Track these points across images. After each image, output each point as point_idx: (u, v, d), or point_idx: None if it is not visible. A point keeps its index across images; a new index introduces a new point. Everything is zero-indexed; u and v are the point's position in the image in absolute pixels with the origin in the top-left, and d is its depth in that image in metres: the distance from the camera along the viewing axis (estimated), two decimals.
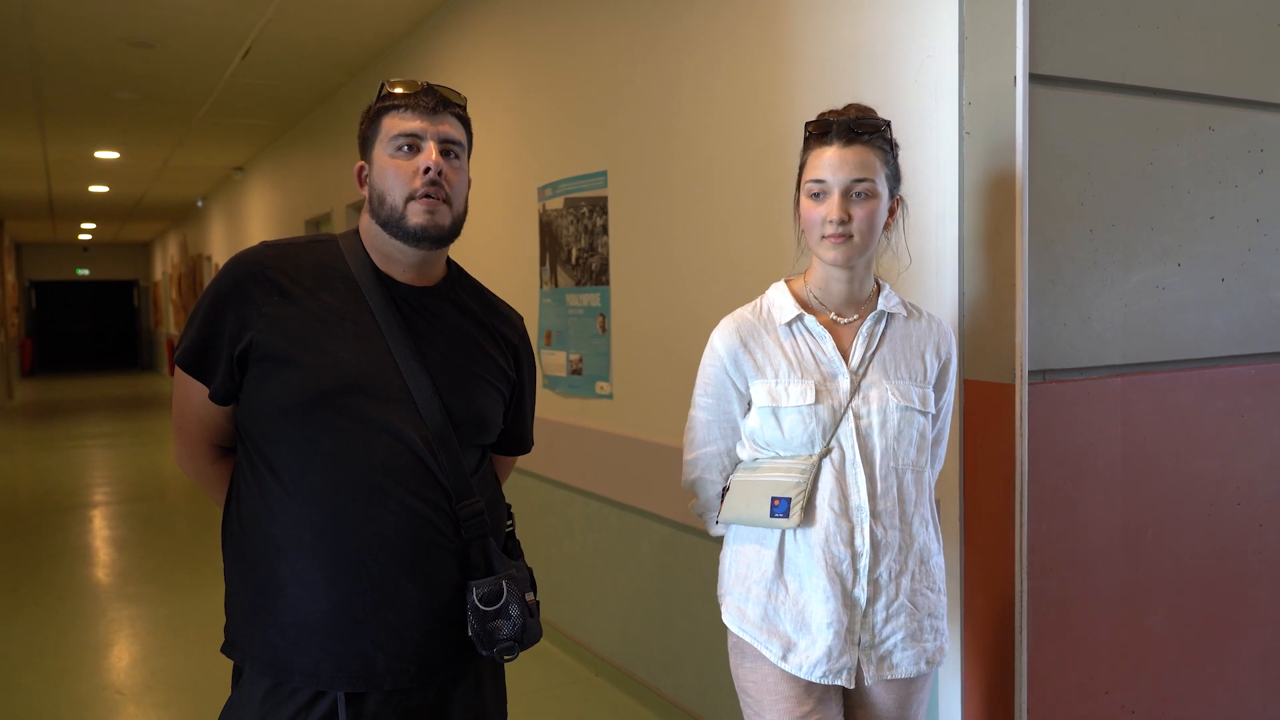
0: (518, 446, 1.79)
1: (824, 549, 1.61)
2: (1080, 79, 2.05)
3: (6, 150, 8.71)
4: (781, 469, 1.65)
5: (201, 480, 1.63)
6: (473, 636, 1.51)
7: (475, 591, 1.50)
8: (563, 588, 3.79)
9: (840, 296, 1.68)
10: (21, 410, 13.49)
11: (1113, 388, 2.12)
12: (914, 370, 1.68)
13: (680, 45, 2.97)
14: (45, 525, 6.31)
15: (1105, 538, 2.13)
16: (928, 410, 1.67)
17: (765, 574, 1.67)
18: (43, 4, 4.56)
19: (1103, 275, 2.10)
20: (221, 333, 1.49)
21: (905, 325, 1.71)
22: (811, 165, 1.62)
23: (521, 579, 1.56)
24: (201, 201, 12.73)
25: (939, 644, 1.70)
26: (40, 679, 3.72)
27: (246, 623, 1.50)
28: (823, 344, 1.66)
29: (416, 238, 1.50)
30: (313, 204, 7.32)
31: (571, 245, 3.61)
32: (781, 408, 1.63)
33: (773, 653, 1.65)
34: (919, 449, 1.66)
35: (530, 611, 1.54)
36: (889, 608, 1.63)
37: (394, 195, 1.50)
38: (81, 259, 21.33)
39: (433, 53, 4.91)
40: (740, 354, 1.68)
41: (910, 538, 1.65)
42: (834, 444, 1.62)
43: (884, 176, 1.61)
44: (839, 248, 1.60)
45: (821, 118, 1.64)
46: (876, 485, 1.62)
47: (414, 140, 1.50)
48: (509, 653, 1.51)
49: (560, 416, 3.74)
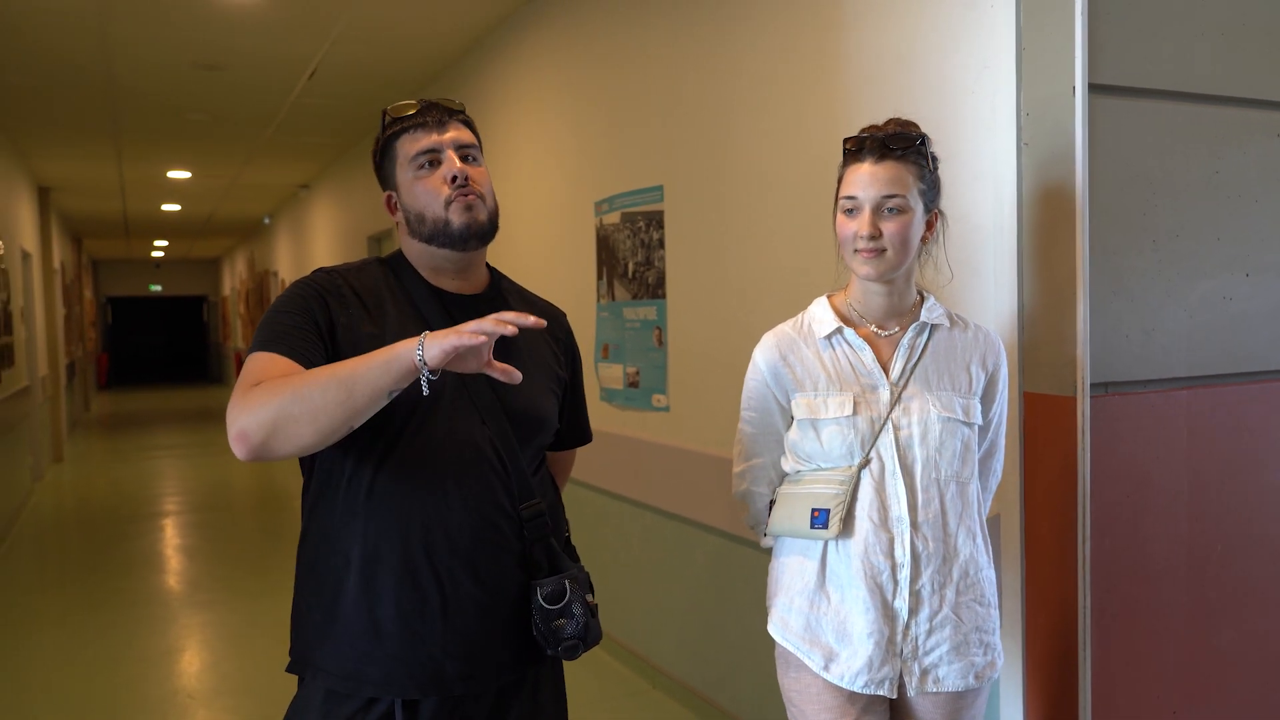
0: (579, 438, 1.82)
1: (863, 559, 1.62)
2: (1141, 88, 2.03)
3: (86, 171, 9.05)
4: (822, 480, 1.66)
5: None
6: (537, 636, 1.54)
7: (539, 591, 1.53)
8: (619, 598, 3.80)
9: (880, 309, 1.69)
10: (97, 422, 13.94)
11: (1178, 401, 2.08)
12: (958, 381, 1.67)
13: (735, 60, 2.99)
14: (120, 534, 6.51)
15: (1171, 555, 2.08)
16: (972, 421, 1.66)
17: (808, 584, 1.68)
18: (120, 32, 4.75)
19: (1167, 286, 2.06)
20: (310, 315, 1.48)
21: (949, 336, 1.71)
22: (846, 181, 1.65)
23: (582, 580, 1.58)
24: (268, 219, 13.05)
25: (989, 659, 1.68)
26: (116, 683, 3.84)
27: (317, 636, 1.52)
28: (862, 356, 1.67)
29: (464, 237, 1.54)
30: (374, 220, 7.47)
31: (628, 259, 3.65)
32: (820, 420, 1.65)
33: (815, 662, 1.66)
34: (963, 460, 1.65)
35: (591, 612, 1.56)
36: (932, 620, 1.62)
37: (432, 208, 1.54)
38: (154, 275, 22.01)
39: (489, 71, 4.99)
40: (780, 368, 1.70)
41: (955, 550, 1.64)
42: (873, 455, 1.63)
43: (918, 191, 1.62)
44: (871, 263, 1.61)
45: (860, 134, 1.65)
46: (917, 496, 1.62)
47: (433, 155, 1.55)
48: (573, 651, 1.54)
49: (617, 429, 3.77)
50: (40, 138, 7.39)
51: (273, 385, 1.34)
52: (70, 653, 4.19)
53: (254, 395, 1.33)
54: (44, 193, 9.85)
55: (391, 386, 1.32)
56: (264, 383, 1.35)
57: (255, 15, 4.53)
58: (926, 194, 1.64)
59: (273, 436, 1.32)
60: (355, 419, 1.34)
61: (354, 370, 1.32)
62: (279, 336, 1.44)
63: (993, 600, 1.70)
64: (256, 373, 1.39)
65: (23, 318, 7.81)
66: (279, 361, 1.40)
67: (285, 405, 1.31)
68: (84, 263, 16.43)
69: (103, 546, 6.19)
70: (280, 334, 1.44)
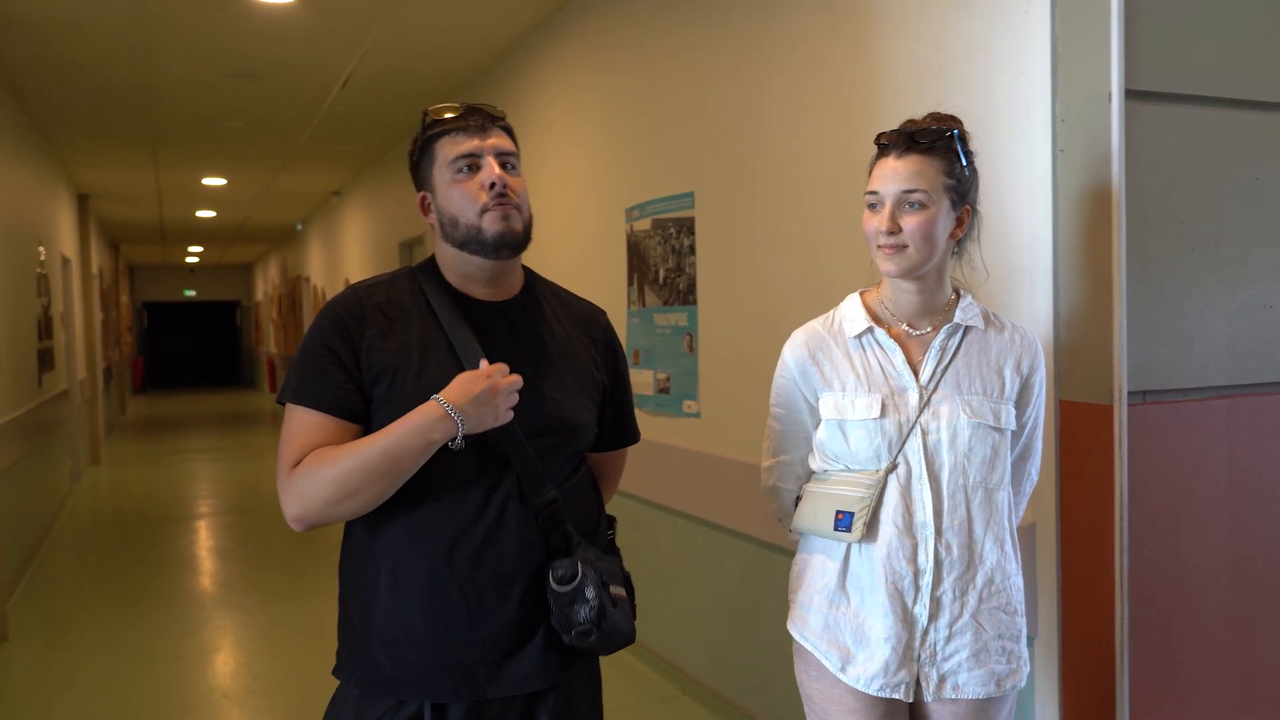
0: (624, 439, 1.81)
1: (885, 564, 1.60)
2: (1179, 93, 2.01)
3: (124, 179, 9.20)
4: (848, 483, 1.65)
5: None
6: (554, 623, 1.52)
7: (553, 573, 1.51)
8: (649, 604, 3.80)
9: (911, 308, 1.66)
10: (133, 425, 14.14)
11: (1217, 410, 2.05)
12: (990, 385, 1.64)
13: (766, 66, 2.99)
14: (155, 535, 6.60)
15: (1211, 566, 2.05)
16: (1004, 427, 1.63)
17: (828, 584, 1.67)
18: (159, 43, 4.83)
19: (1206, 294, 2.04)
20: (334, 355, 1.52)
21: (984, 338, 1.67)
22: (871, 176, 1.64)
23: (605, 569, 1.55)
24: (300, 225, 13.20)
25: (1013, 666, 1.65)
26: (151, 682, 3.90)
27: (354, 643, 1.55)
28: (892, 357, 1.65)
29: (496, 246, 1.54)
30: (406, 227, 7.53)
31: (659, 265, 3.65)
32: (847, 421, 1.63)
33: (832, 663, 1.66)
34: (992, 467, 1.62)
35: (613, 601, 1.53)
36: (951, 626, 1.61)
37: (467, 214, 1.54)
38: (188, 280, 22.31)
39: (520, 79, 5.02)
40: (809, 366, 1.69)
41: (980, 557, 1.62)
42: (900, 459, 1.61)
43: (944, 186, 1.59)
44: (893, 259, 1.59)
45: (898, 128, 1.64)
46: (943, 502, 1.60)
47: (473, 160, 1.54)
48: (586, 637, 1.50)
49: (647, 435, 3.76)
50: (80, 146, 7.52)
51: (318, 474, 1.46)
52: (107, 651, 4.26)
53: (303, 484, 1.47)
54: (83, 200, 10.03)
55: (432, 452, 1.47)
56: (309, 468, 1.47)
57: (291, 25, 4.58)
58: (955, 189, 1.60)
59: (326, 518, 1.49)
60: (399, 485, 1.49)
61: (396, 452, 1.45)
62: (309, 385, 1.51)
63: (1020, 608, 1.67)
64: (296, 442, 1.50)
65: (62, 322, 7.94)
66: (314, 430, 1.50)
67: (338, 495, 1.46)
68: (121, 268, 16.69)
69: (138, 547, 6.28)
70: (309, 381, 1.51)
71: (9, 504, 4.93)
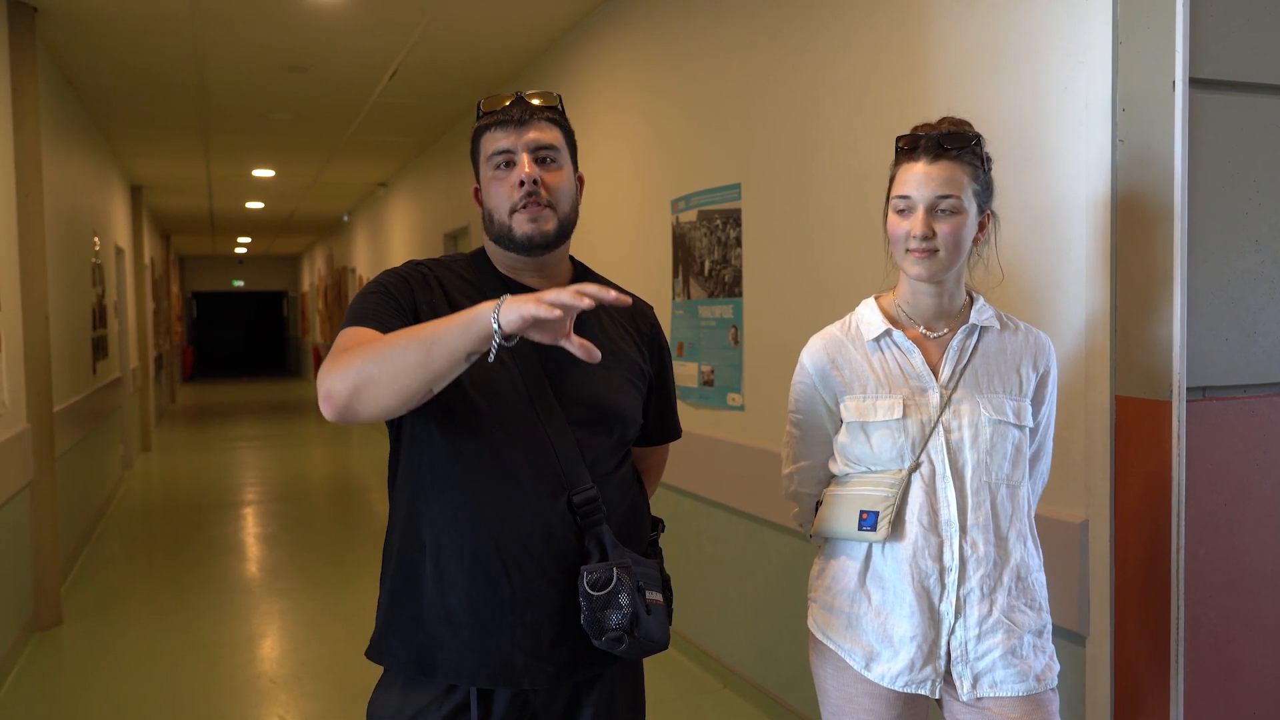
0: (667, 434, 1.80)
1: (911, 563, 1.61)
2: (1245, 82, 1.95)
3: (175, 171, 9.37)
4: (870, 483, 1.66)
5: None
6: (585, 625, 1.50)
7: (586, 577, 1.49)
8: (690, 597, 3.80)
9: (929, 311, 1.68)
10: (182, 413, 14.41)
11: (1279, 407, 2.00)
12: (1008, 383, 1.66)
13: (815, 56, 2.96)
14: (203, 521, 6.73)
15: (1270, 565, 2.01)
16: (1023, 424, 1.64)
17: (849, 584, 1.68)
18: (211, 37, 4.90)
19: (1270, 288, 1.99)
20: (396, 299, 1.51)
21: (1000, 338, 1.69)
22: (899, 180, 1.64)
23: (641, 574, 1.53)
24: (347, 216, 13.35)
25: (1046, 661, 1.65)
26: (200, 666, 3.97)
27: (389, 622, 1.56)
28: (911, 358, 1.66)
29: (526, 246, 1.54)
30: (451, 218, 7.59)
31: (704, 257, 3.64)
32: (870, 423, 1.64)
33: (856, 661, 1.66)
34: (1014, 463, 1.63)
35: (648, 608, 1.51)
36: (982, 624, 1.60)
37: (500, 211, 1.55)
38: (237, 271, 22.69)
39: (566, 70, 5.03)
40: (829, 370, 1.70)
41: (1005, 554, 1.62)
42: (923, 458, 1.62)
43: (971, 192, 1.61)
44: (923, 263, 1.60)
45: (913, 132, 1.64)
46: (968, 500, 1.61)
47: (508, 156, 1.54)
48: (616, 644, 1.48)
49: (691, 427, 3.75)
50: (134, 139, 7.67)
51: (358, 349, 1.36)
52: (157, 635, 4.35)
53: (341, 359, 1.36)
54: (136, 191, 10.23)
55: (470, 349, 1.30)
56: (351, 348, 1.38)
57: (341, 18, 4.63)
58: (980, 195, 1.63)
59: (355, 397, 1.33)
60: (435, 382, 1.33)
61: (434, 331, 1.32)
62: (368, 314, 1.48)
63: (1044, 604, 1.67)
64: (346, 343, 1.42)
65: (115, 311, 8.11)
66: (367, 333, 1.42)
67: (368, 366, 1.33)
68: (171, 258, 17.00)
69: (188, 533, 6.40)
70: (369, 312, 1.48)
71: (64, 489, 5.04)
